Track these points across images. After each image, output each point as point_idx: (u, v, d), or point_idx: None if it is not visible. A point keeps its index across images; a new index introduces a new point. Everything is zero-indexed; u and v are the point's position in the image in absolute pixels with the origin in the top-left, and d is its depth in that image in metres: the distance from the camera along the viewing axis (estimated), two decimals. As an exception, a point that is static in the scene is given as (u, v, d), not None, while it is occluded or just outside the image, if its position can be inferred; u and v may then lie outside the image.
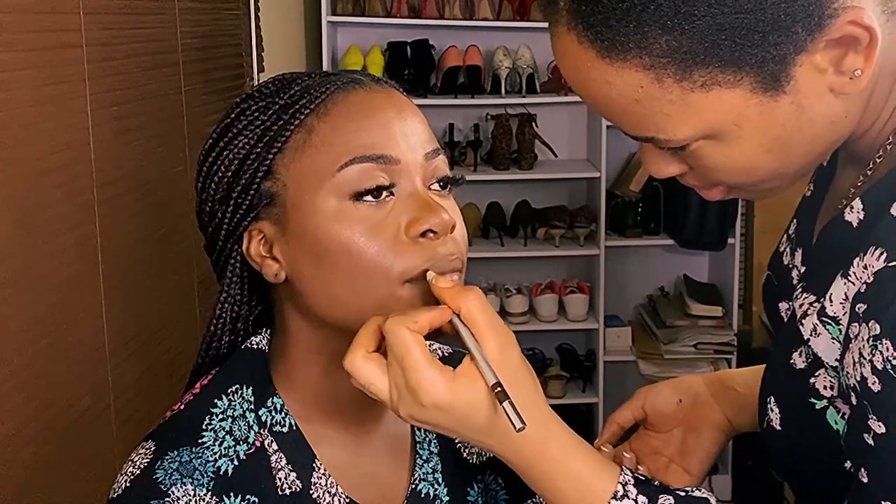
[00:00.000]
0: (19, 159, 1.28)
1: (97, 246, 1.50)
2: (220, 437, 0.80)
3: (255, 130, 0.80)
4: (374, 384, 0.73)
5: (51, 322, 1.36)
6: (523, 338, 3.67)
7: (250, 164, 0.80)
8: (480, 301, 0.73)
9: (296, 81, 0.82)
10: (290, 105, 0.80)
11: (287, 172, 0.79)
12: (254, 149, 0.80)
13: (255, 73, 2.48)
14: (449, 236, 0.79)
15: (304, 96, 0.80)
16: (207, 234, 0.85)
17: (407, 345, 0.71)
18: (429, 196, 0.80)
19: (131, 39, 1.68)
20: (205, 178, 0.84)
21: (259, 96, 0.83)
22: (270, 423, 0.83)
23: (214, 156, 0.83)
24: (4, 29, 1.25)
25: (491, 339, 0.73)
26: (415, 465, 0.89)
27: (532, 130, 3.48)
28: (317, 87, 0.81)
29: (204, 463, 0.78)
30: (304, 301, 0.81)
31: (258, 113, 0.81)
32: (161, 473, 0.76)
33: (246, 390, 0.83)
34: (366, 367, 0.73)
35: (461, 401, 0.71)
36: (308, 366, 0.84)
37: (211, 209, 0.84)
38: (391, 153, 0.78)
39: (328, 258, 0.78)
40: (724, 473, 3.58)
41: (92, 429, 1.47)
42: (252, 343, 0.86)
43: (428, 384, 0.70)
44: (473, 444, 0.79)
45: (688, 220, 3.46)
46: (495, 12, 3.38)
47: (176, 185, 1.88)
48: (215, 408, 0.82)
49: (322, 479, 0.83)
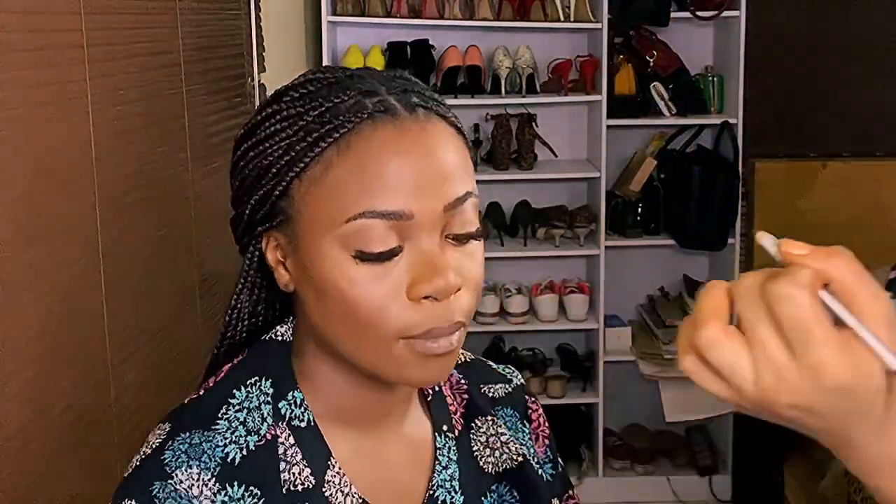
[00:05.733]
0: (20, 159, 1.28)
1: (98, 246, 1.50)
2: (234, 427, 0.80)
3: (280, 143, 0.78)
4: (740, 365, 0.57)
5: (52, 322, 1.36)
6: (523, 338, 3.67)
7: (269, 178, 0.78)
8: (855, 267, 0.58)
9: (332, 94, 0.78)
10: (316, 128, 0.76)
11: (302, 201, 0.77)
12: (276, 163, 0.78)
13: (255, 73, 2.48)
14: (454, 296, 0.76)
15: (330, 121, 0.76)
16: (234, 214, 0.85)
17: (815, 313, 0.55)
18: (437, 255, 0.76)
19: (132, 39, 1.68)
20: (234, 166, 0.83)
21: (290, 103, 0.79)
22: (290, 416, 0.82)
23: (244, 150, 0.81)
24: (5, 29, 1.25)
25: (879, 313, 0.56)
26: (434, 470, 0.88)
27: (532, 130, 3.48)
28: (346, 113, 0.76)
29: (213, 447, 0.78)
30: (309, 318, 0.81)
31: (286, 123, 0.78)
32: (169, 455, 0.77)
33: (265, 383, 0.83)
34: (730, 345, 0.56)
35: (865, 385, 0.56)
36: (328, 365, 0.84)
37: (234, 199, 0.84)
38: (406, 209, 0.74)
39: (327, 300, 0.77)
40: (724, 473, 3.58)
41: (92, 429, 1.47)
42: (277, 334, 0.86)
43: (835, 362, 0.55)
44: (852, 440, 0.59)
45: (688, 220, 3.46)
46: (495, 12, 3.38)
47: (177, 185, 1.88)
48: (233, 398, 0.82)
49: (336, 477, 0.82)
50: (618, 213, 3.56)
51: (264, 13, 2.57)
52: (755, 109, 3.54)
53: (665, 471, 3.63)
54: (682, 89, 3.49)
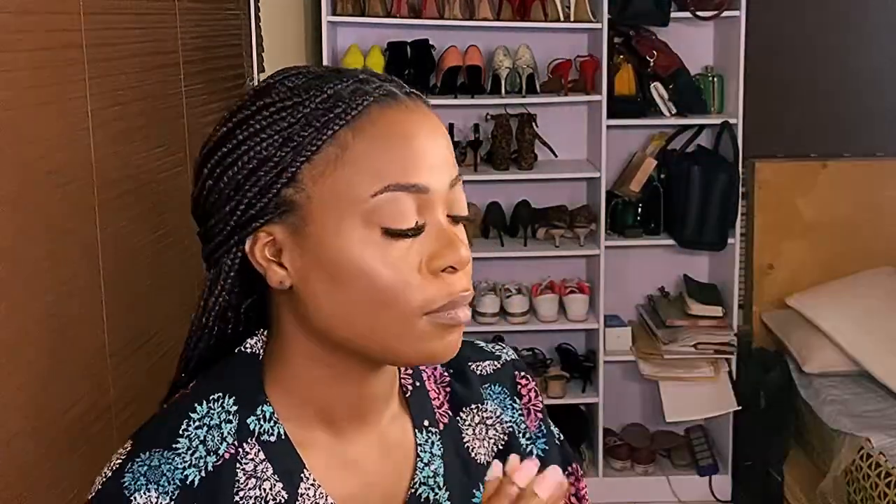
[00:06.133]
0: (20, 160, 1.28)
1: (98, 246, 1.50)
2: (194, 447, 0.79)
3: (280, 133, 0.77)
4: None
5: (52, 322, 1.36)
6: (523, 338, 3.67)
7: (271, 167, 0.77)
8: None
9: (326, 83, 0.79)
10: (321, 113, 0.77)
11: (314, 185, 0.77)
12: (278, 152, 0.77)
13: (255, 73, 2.48)
14: (462, 270, 0.79)
15: (337, 105, 0.77)
16: (206, 225, 0.82)
17: None
18: (450, 229, 0.79)
19: (132, 40, 1.68)
20: (213, 168, 0.80)
21: (284, 94, 0.79)
22: (259, 431, 0.81)
23: (228, 149, 0.79)
24: (5, 29, 1.25)
25: None
26: (416, 469, 0.87)
27: (532, 130, 3.48)
28: (351, 98, 0.77)
29: (172, 470, 0.78)
30: (307, 313, 0.80)
31: (284, 114, 0.78)
32: (128, 478, 0.77)
33: (228, 400, 0.82)
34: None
35: None
36: (304, 371, 0.83)
37: (216, 201, 0.80)
38: (423, 182, 0.77)
39: (346, 281, 0.77)
40: (724, 473, 3.58)
41: (92, 429, 1.47)
42: (246, 346, 0.84)
43: None
44: None
45: (688, 220, 3.46)
46: (495, 12, 3.38)
47: (176, 186, 1.88)
48: (194, 413, 0.81)
49: (310, 489, 0.81)
50: (618, 213, 3.56)
51: (264, 13, 2.57)
52: (755, 109, 3.54)
53: (665, 471, 3.63)
54: (682, 89, 3.49)
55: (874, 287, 3.49)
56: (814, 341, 3.37)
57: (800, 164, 3.71)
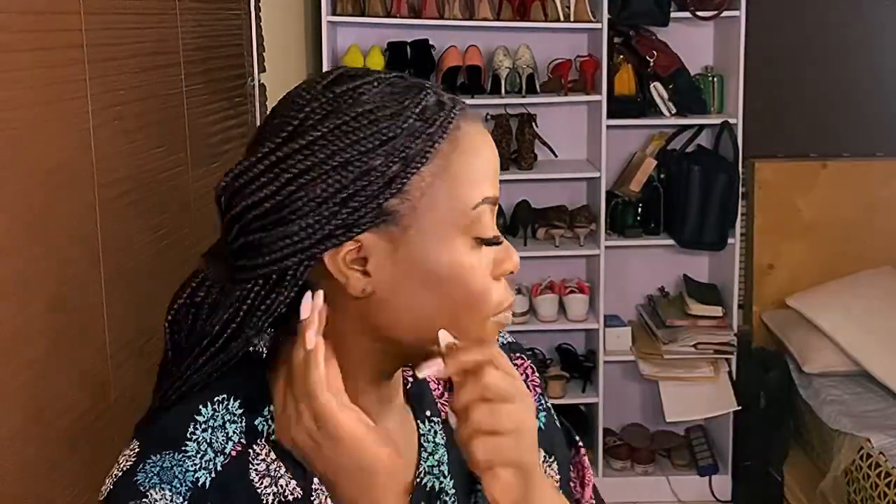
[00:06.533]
0: (20, 159, 1.28)
1: (98, 246, 1.50)
2: (202, 450, 0.80)
3: (385, 144, 0.77)
4: None
5: (52, 322, 1.36)
6: (523, 338, 3.67)
7: (377, 177, 0.76)
8: None
9: (412, 93, 0.79)
10: (423, 125, 0.78)
11: (420, 196, 0.78)
12: (385, 163, 0.76)
13: (255, 73, 2.48)
14: None
15: (436, 116, 0.79)
16: (269, 234, 0.78)
17: None
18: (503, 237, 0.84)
19: (132, 39, 1.68)
20: (301, 174, 0.77)
21: (378, 101, 0.78)
22: (267, 432, 0.82)
23: (324, 157, 0.76)
24: (5, 29, 1.25)
25: None
26: (420, 459, 0.89)
27: (532, 130, 3.48)
28: (441, 109, 0.80)
29: (184, 472, 0.78)
30: (382, 317, 0.80)
31: (386, 124, 0.77)
32: (142, 476, 0.77)
33: (233, 402, 0.82)
34: None
35: None
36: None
37: (300, 209, 0.77)
38: (497, 194, 0.82)
39: (439, 287, 0.79)
40: (724, 473, 3.58)
41: (92, 429, 1.47)
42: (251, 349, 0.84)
43: None
44: None
45: (688, 220, 3.46)
46: (495, 12, 3.38)
47: (177, 185, 1.88)
48: (199, 415, 0.81)
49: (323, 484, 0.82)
50: (618, 213, 3.56)
51: (264, 13, 2.57)
52: (755, 109, 3.54)
53: (665, 471, 3.63)
54: (682, 89, 3.49)
55: (874, 287, 3.49)
56: (814, 341, 3.37)
57: (800, 164, 3.71)
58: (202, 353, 0.82)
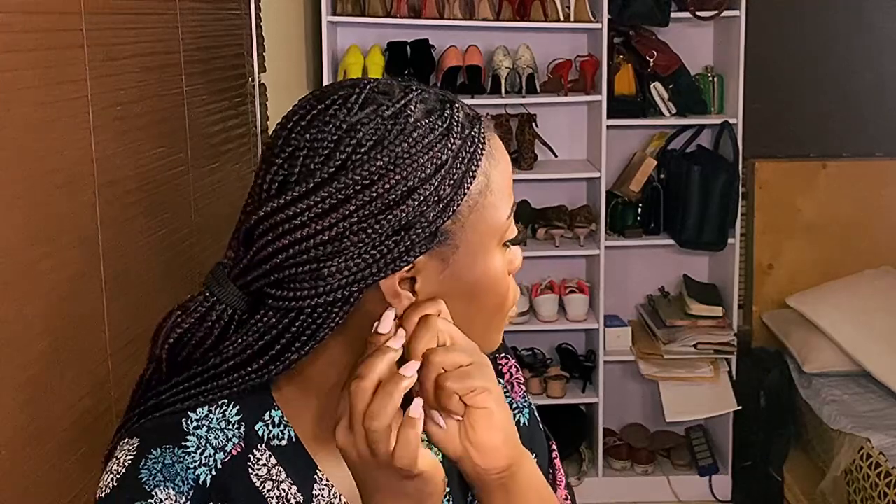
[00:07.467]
0: (21, 159, 1.29)
1: (99, 246, 1.51)
2: (203, 445, 0.80)
3: (439, 170, 0.76)
4: None
5: (52, 322, 1.36)
6: (523, 338, 3.67)
7: (435, 202, 0.76)
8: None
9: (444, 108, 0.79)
10: (467, 143, 0.79)
11: (469, 214, 0.79)
12: (441, 187, 0.76)
13: (255, 73, 2.48)
14: None
15: (473, 133, 0.80)
16: (326, 263, 0.75)
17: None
18: None
19: (133, 40, 1.68)
20: (358, 209, 0.75)
21: (428, 124, 0.77)
22: (268, 437, 0.82)
23: (385, 190, 0.75)
24: (6, 29, 1.25)
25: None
26: None
27: (532, 130, 3.48)
28: (473, 125, 0.81)
29: (185, 469, 0.78)
30: None
31: (440, 146, 0.77)
32: (145, 474, 0.77)
33: (231, 409, 0.82)
34: None
35: None
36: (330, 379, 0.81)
37: (362, 241, 0.75)
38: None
39: (482, 297, 0.82)
40: (724, 473, 3.58)
41: (92, 429, 1.47)
42: None
43: None
44: None
45: (688, 220, 3.46)
46: (495, 12, 3.38)
47: (177, 185, 1.88)
48: (193, 412, 0.81)
49: (324, 490, 0.83)
50: (618, 213, 3.56)
51: (264, 13, 2.57)
52: (755, 109, 3.54)
53: (665, 471, 3.63)
54: (682, 89, 3.49)
55: (874, 287, 3.50)
56: (814, 341, 3.37)
57: (800, 164, 3.72)
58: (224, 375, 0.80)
